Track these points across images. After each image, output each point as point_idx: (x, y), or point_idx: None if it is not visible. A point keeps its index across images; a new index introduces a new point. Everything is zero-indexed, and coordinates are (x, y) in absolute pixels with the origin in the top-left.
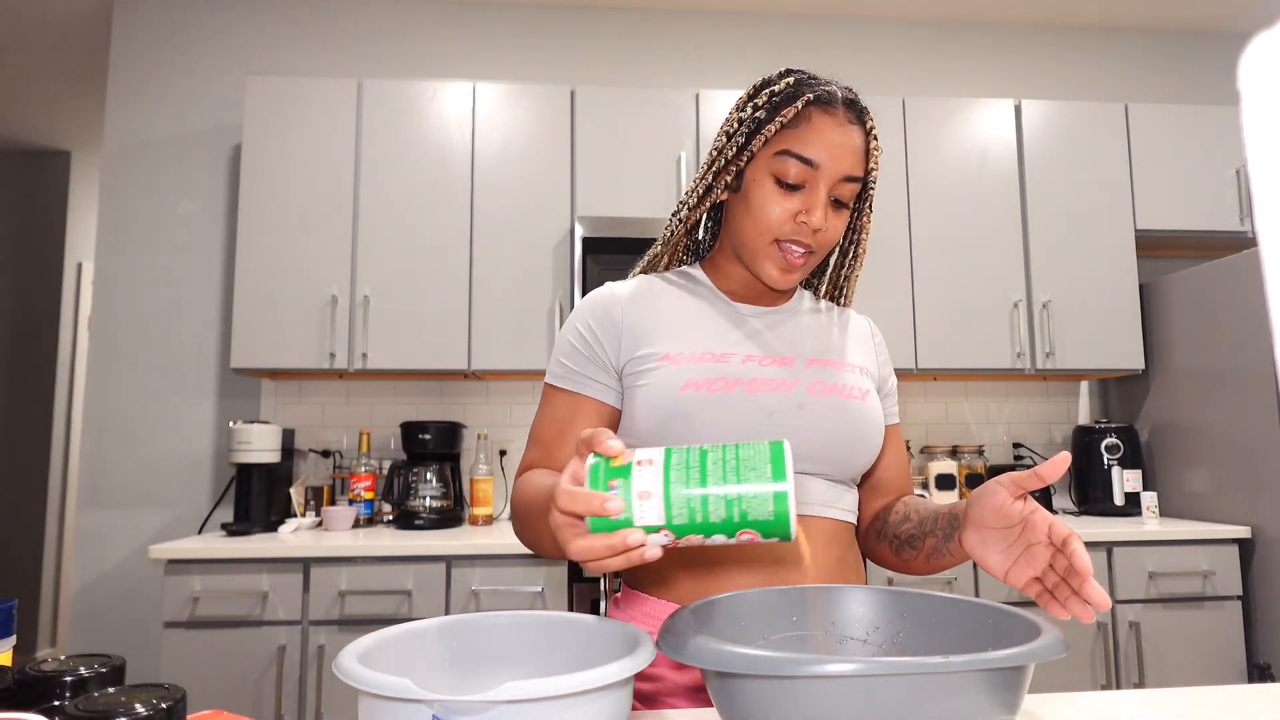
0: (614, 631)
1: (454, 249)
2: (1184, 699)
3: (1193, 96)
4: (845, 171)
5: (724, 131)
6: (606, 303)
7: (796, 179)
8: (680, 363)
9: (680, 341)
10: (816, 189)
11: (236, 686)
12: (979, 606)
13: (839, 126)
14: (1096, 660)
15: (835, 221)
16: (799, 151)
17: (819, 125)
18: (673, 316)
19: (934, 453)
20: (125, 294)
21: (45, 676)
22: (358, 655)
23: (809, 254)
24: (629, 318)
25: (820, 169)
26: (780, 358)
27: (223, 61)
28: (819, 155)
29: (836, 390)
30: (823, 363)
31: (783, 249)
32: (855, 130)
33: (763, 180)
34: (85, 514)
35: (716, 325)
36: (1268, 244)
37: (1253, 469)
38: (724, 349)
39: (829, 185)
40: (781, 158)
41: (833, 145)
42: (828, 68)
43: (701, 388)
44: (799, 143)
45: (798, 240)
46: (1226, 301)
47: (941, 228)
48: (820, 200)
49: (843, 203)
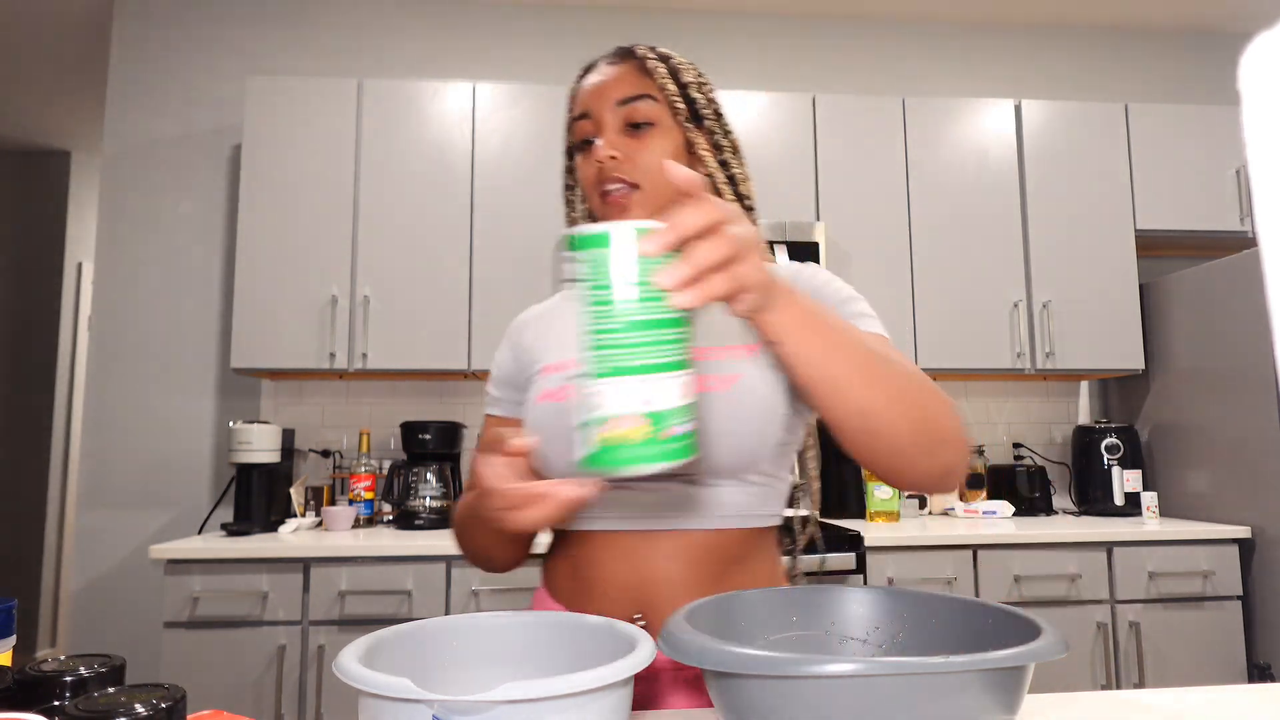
0: (614, 631)
1: (454, 249)
2: (1184, 699)
3: (1193, 96)
4: (617, 96)
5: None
6: (518, 326)
7: (584, 133)
8: (547, 374)
9: (556, 353)
10: (600, 129)
11: (236, 686)
12: (979, 606)
13: (599, 72)
14: (1096, 660)
15: (637, 145)
16: (574, 113)
17: (585, 84)
18: (557, 329)
19: None
20: (125, 294)
21: (45, 676)
22: (358, 655)
23: (630, 188)
24: (527, 337)
25: (593, 112)
26: None
27: (223, 61)
28: (587, 102)
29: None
30: (703, 351)
31: (606, 200)
32: (622, 65)
33: (576, 160)
34: (85, 514)
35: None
36: (1268, 244)
37: (1253, 469)
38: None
39: (610, 117)
40: (570, 129)
41: (595, 86)
42: (828, 68)
43: (552, 396)
44: (574, 109)
45: (607, 180)
46: (1226, 301)
47: (941, 228)
48: (606, 135)
49: (642, 123)
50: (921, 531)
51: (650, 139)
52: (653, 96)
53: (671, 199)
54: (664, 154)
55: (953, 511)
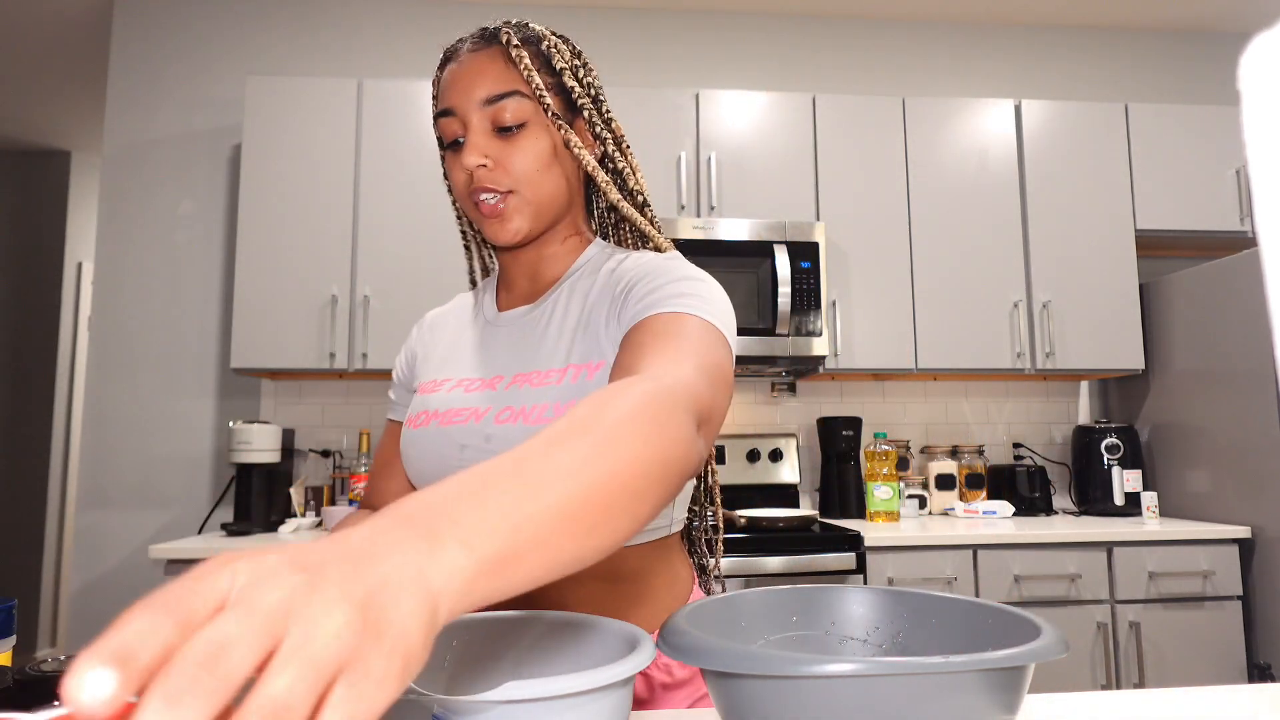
0: (614, 631)
1: (454, 249)
2: (1184, 699)
3: (1193, 96)
4: (483, 94)
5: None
6: (413, 331)
7: (452, 134)
8: (423, 393)
9: (431, 370)
10: (468, 131)
11: None
12: (979, 606)
13: (460, 62)
14: (1096, 660)
15: (509, 149)
16: (438, 109)
17: (447, 76)
18: (441, 339)
19: (934, 453)
20: (125, 294)
21: (45, 676)
22: None
23: (504, 194)
24: (419, 345)
25: (457, 109)
26: (490, 379)
27: (223, 61)
28: (450, 98)
29: (523, 415)
30: (525, 378)
31: (480, 207)
32: (484, 53)
33: (445, 160)
34: (85, 514)
35: (463, 347)
36: (1268, 244)
37: (1253, 469)
38: (444, 375)
39: (477, 120)
40: (436, 126)
41: (458, 80)
42: (828, 68)
43: (411, 423)
44: (439, 103)
45: (478, 189)
46: (1226, 301)
47: (941, 228)
48: (472, 139)
49: (510, 127)
50: (921, 531)
51: (522, 141)
52: (521, 92)
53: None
54: (535, 157)
55: (953, 511)
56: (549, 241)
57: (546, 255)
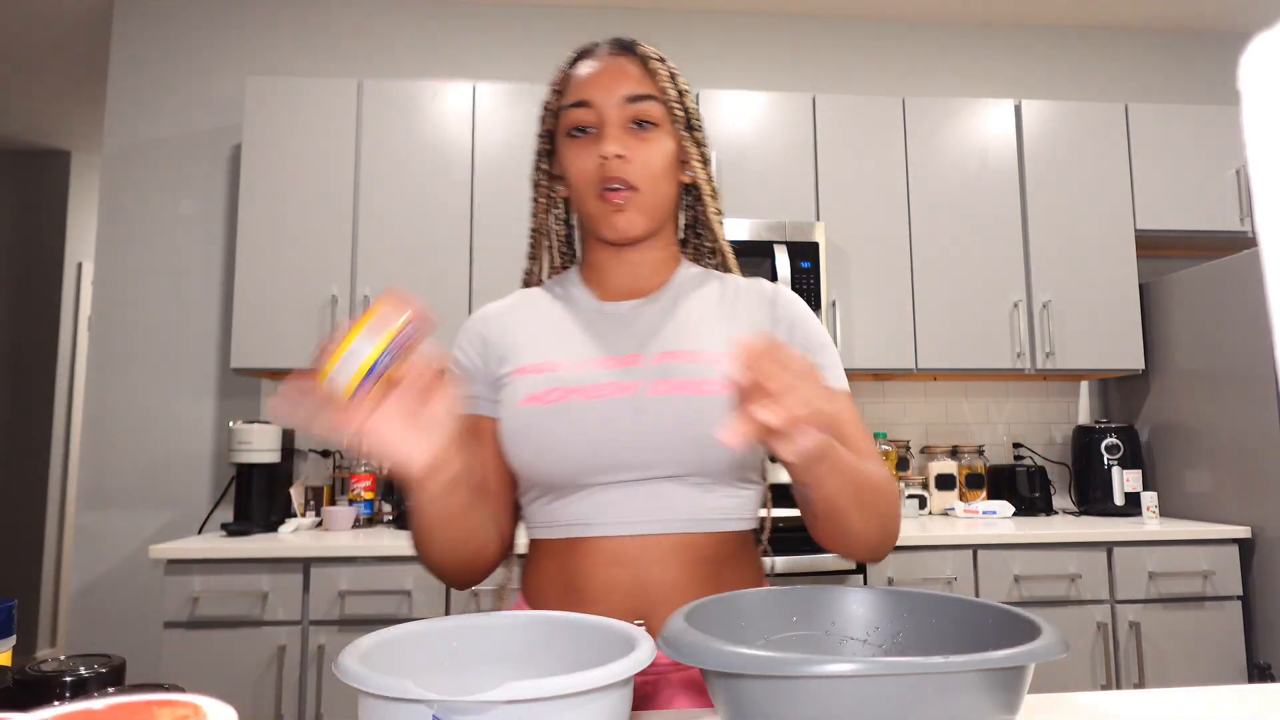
0: (614, 631)
1: (454, 249)
2: (1184, 699)
3: (1193, 96)
4: (625, 92)
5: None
6: (477, 323)
7: (583, 122)
8: (526, 375)
9: (532, 353)
10: (605, 123)
11: (236, 686)
12: (979, 606)
13: (602, 60)
14: (1096, 660)
15: (642, 147)
16: (573, 99)
17: (583, 69)
18: (531, 328)
19: (934, 453)
20: (125, 294)
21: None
22: (358, 655)
23: (632, 190)
24: (493, 334)
25: (597, 103)
26: (625, 358)
27: (223, 61)
28: (589, 92)
29: (683, 387)
30: (673, 356)
31: (605, 198)
32: (625, 58)
33: (565, 147)
34: (85, 514)
35: (570, 331)
36: (1268, 244)
37: (1253, 469)
38: (568, 356)
39: (617, 112)
40: (565, 115)
41: (601, 77)
42: (828, 68)
43: (538, 400)
44: (571, 93)
45: (610, 179)
46: (1226, 301)
47: (941, 227)
48: (611, 130)
49: (647, 122)
50: (921, 531)
51: (654, 141)
52: (657, 98)
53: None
54: (663, 158)
55: (953, 511)
56: (652, 247)
57: (649, 259)
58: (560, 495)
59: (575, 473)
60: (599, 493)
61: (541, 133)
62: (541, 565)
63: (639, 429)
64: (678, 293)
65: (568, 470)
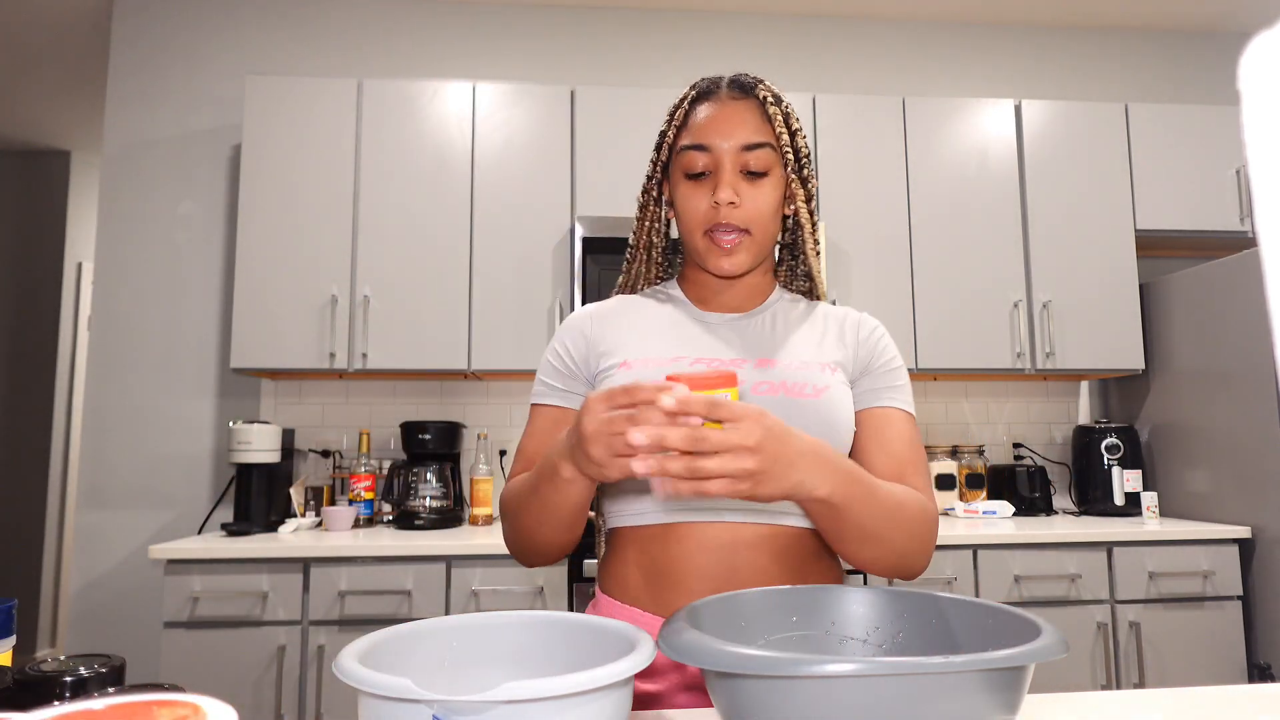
0: (614, 631)
1: (454, 249)
2: (1184, 699)
3: (1193, 96)
4: (742, 140)
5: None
6: (580, 320)
7: (699, 167)
8: (634, 367)
9: (639, 348)
10: (720, 169)
11: (236, 686)
12: (979, 606)
13: (721, 105)
14: (1096, 660)
15: (754, 192)
16: (690, 141)
17: (703, 112)
18: (638, 327)
19: (934, 453)
20: (125, 294)
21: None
22: (358, 655)
23: (741, 234)
24: (597, 331)
25: (714, 148)
26: (730, 360)
27: (223, 61)
28: (707, 136)
29: (784, 389)
30: (772, 362)
31: (713, 238)
32: (744, 103)
33: (678, 183)
34: (85, 514)
35: (677, 332)
36: (1268, 244)
37: (1253, 469)
38: (676, 353)
39: (731, 160)
40: (681, 155)
41: (719, 122)
42: (828, 68)
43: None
44: (689, 134)
45: (721, 224)
46: (1226, 301)
47: (941, 228)
48: (725, 177)
49: (757, 172)
50: None
51: (765, 187)
52: (771, 145)
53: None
54: (772, 204)
55: (953, 511)
56: (756, 272)
57: (748, 283)
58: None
59: None
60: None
61: (655, 159)
62: (625, 554)
63: None
64: (774, 312)
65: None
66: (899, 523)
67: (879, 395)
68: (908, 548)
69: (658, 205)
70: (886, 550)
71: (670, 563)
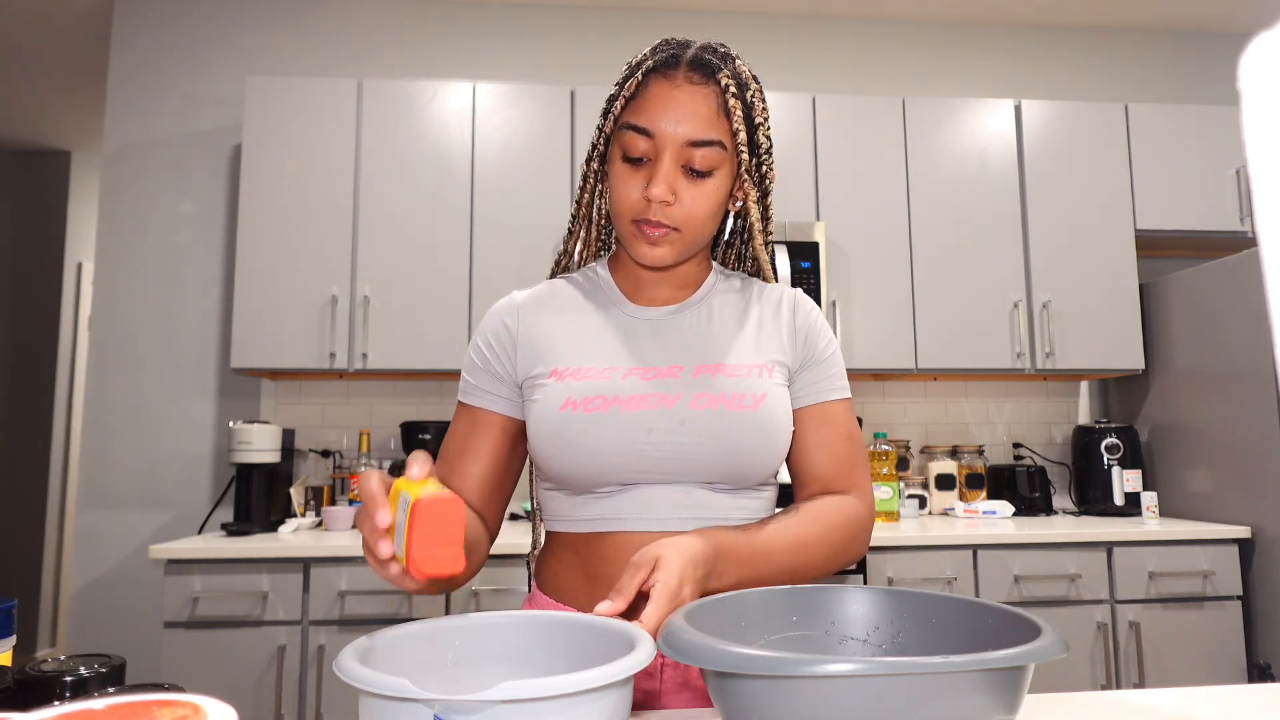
0: (614, 631)
1: (454, 249)
2: (1184, 699)
3: (1193, 96)
4: (688, 136)
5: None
6: (503, 313)
7: (638, 151)
8: (565, 379)
9: (570, 355)
10: (659, 160)
11: (236, 686)
12: (979, 606)
13: (677, 89)
14: (1096, 660)
15: (693, 192)
16: (634, 121)
17: (655, 92)
18: (566, 328)
19: (934, 453)
20: (125, 294)
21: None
22: (358, 655)
23: (671, 231)
24: (524, 329)
25: (658, 135)
26: (667, 368)
27: (223, 61)
28: (653, 120)
29: (723, 400)
30: (712, 369)
31: (640, 227)
32: (702, 90)
33: (614, 159)
34: (85, 514)
35: (607, 336)
36: (1268, 244)
37: (1253, 469)
38: (609, 363)
39: (674, 153)
40: (623, 133)
41: (668, 108)
42: (828, 68)
43: (579, 407)
44: (635, 113)
45: (649, 220)
46: (1226, 301)
47: (941, 228)
48: (663, 172)
49: (701, 171)
50: (921, 531)
51: (706, 187)
52: (723, 144)
53: (700, 241)
54: (711, 205)
55: (953, 511)
56: (688, 262)
57: (679, 272)
58: (590, 492)
59: (612, 475)
60: (632, 491)
61: (601, 125)
62: (562, 556)
63: (680, 439)
64: (709, 304)
65: (604, 473)
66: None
67: (819, 390)
68: (833, 564)
69: (599, 177)
70: (817, 574)
71: (606, 568)
